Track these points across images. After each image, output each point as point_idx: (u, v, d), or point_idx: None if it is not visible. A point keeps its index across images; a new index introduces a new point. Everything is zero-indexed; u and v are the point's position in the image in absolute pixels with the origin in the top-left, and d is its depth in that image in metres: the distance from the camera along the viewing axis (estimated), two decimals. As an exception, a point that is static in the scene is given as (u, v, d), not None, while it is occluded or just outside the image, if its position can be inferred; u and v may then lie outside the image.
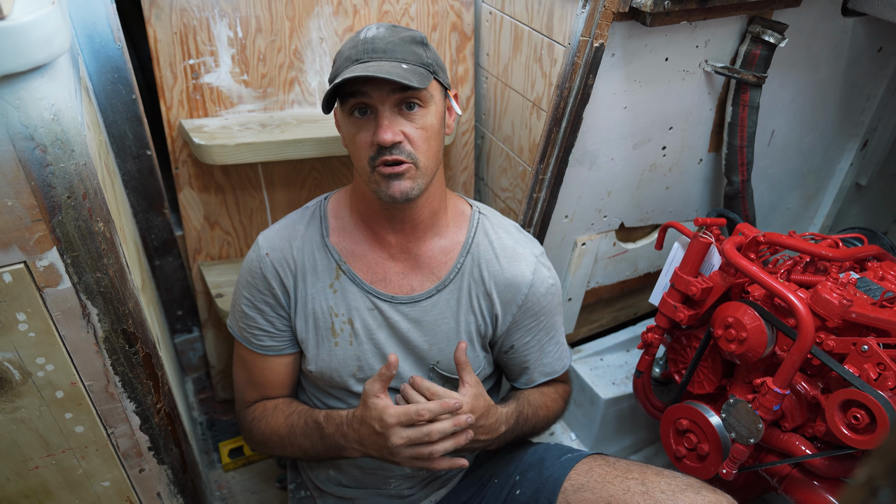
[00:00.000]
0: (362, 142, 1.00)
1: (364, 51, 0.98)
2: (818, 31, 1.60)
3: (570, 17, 1.25)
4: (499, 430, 1.10)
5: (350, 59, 0.99)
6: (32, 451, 0.90)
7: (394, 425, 0.98)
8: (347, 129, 1.03)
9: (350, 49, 1.00)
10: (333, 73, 1.02)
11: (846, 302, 1.16)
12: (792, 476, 1.31)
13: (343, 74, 0.96)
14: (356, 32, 1.04)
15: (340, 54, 1.02)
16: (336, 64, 1.02)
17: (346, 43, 1.03)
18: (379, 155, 0.99)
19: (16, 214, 0.71)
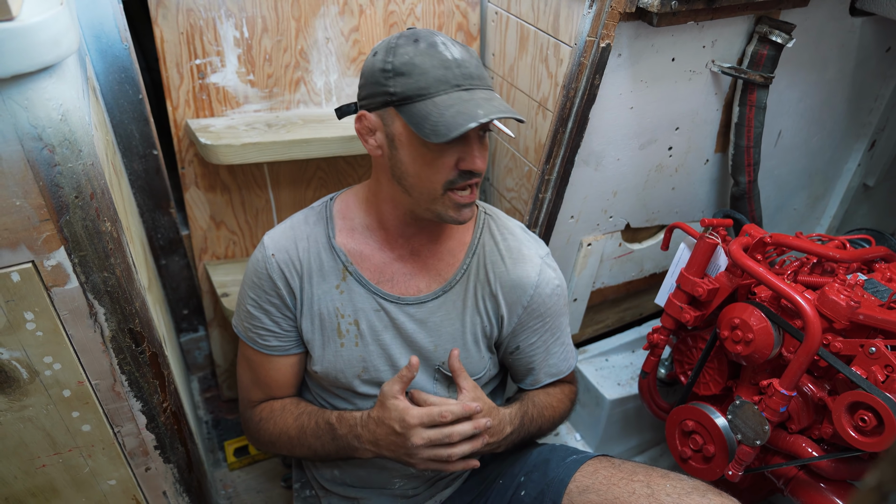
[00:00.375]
0: (443, 165, 0.97)
1: (462, 76, 0.94)
2: (826, 30, 1.60)
3: (577, 17, 1.25)
4: (503, 431, 1.10)
5: (447, 82, 0.93)
6: (39, 450, 0.91)
7: (416, 426, 0.99)
8: (419, 151, 0.97)
9: (440, 69, 0.93)
10: (417, 92, 0.94)
11: (854, 303, 1.15)
12: (798, 478, 1.30)
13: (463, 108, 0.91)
14: (425, 44, 0.95)
15: (421, 70, 0.93)
16: (416, 80, 0.93)
17: (417, 55, 0.94)
18: (461, 179, 0.98)
19: (24, 214, 0.71)
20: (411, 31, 0.99)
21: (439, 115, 0.92)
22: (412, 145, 0.98)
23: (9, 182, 0.69)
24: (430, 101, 0.93)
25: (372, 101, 0.99)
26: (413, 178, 1.00)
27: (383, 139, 1.01)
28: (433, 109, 0.92)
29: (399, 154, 1.00)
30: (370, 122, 1.01)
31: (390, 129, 0.99)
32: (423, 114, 0.93)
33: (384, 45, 0.98)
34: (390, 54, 0.96)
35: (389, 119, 0.98)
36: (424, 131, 0.92)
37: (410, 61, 0.94)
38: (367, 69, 0.99)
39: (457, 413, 0.99)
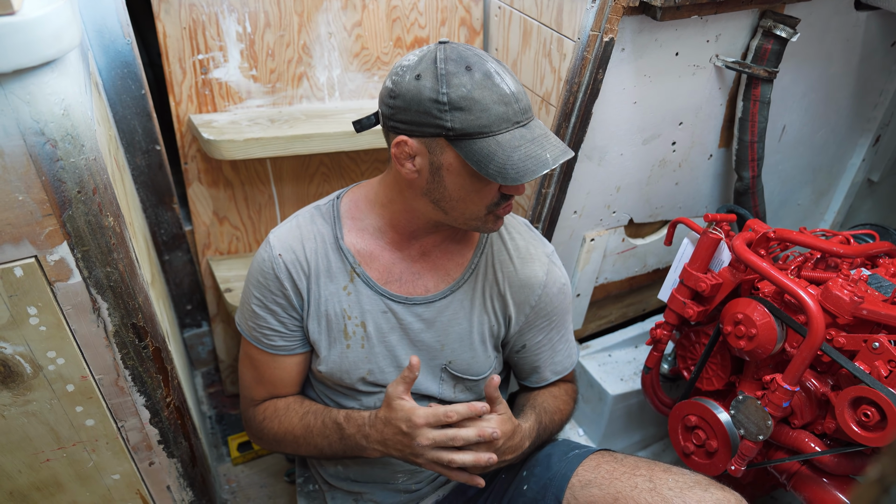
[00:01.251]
0: (490, 193, 0.98)
1: (520, 111, 0.93)
2: (830, 25, 1.59)
3: (580, 11, 1.24)
4: (523, 446, 1.09)
5: (508, 120, 0.91)
6: (44, 444, 0.91)
7: (422, 426, 0.97)
8: (468, 180, 0.96)
9: (500, 105, 0.91)
10: (478, 129, 0.90)
11: (857, 298, 1.15)
12: (801, 473, 1.30)
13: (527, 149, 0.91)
14: (481, 74, 0.91)
15: (484, 109, 0.90)
16: (477, 117, 0.90)
17: (479, 90, 0.90)
18: (504, 201, 1.00)
19: (27, 209, 0.71)
20: (453, 50, 0.93)
21: (506, 156, 0.90)
22: (461, 176, 0.96)
23: (11, 177, 0.69)
24: (493, 139, 0.90)
25: (418, 129, 0.93)
26: (455, 202, 0.99)
27: (425, 165, 0.96)
28: (498, 150, 0.90)
29: (444, 181, 0.97)
30: (411, 148, 0.95)
31: (437, 158, 0.95)
32: (486, 153, 0.90)
33: (430, 69, 0.92)
34: (443, 84, 0.90)
35: (438, 149, 0.94)
36: (489, 171, 0.90)
37: (469, 95, 0.90)
38: (410, 94, 0.92)
39: (462, 413, 0.97)
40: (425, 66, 0.92)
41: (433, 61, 0.92)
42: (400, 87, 0.93)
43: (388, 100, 0.96)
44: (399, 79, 0.94)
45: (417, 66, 0.93)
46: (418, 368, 1.00)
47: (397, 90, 0.94)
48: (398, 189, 1.05)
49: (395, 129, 0.96)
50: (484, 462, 0.98)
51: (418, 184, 0.99)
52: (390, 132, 0.98)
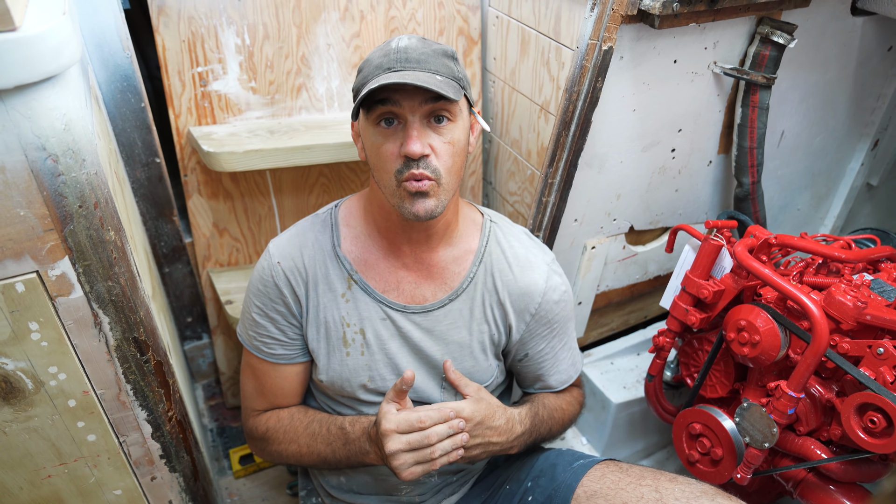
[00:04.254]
0: (388, 153, 0.97)
1: (397, 59, 0.96)
2: (827, 30, 1.59)
3: (578, 20, 1.25)
4: (514, 430, 1.10)
5: (381, 66, 0.97)
6: (45, 460, 0.90)
7: (391, 431, 0.99)
8: (372, 139, 1.00)
9: (381, 57, 0.98)
10: (360, 81, 0.99)
11: (861, 304, 1.15)
12: (807, 480, 1.29)
13: (377, 80, 0.93)
14: (385, 42, 1.01)
15: (369, 62, 1.00)
16: (364, 72, 1.00)
17: (374, 52, 1.01)
18: (406, 168, 0.96)
19: (28, 224, 0.71)
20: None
21: (365, 94, 0.94)
22: (367, 136, 1.02)
23: (12, 192, 0.69)
24: (366, 86, 0.95)
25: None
26: (376, 172, 1.03)
27: (361, 140, 1.06)
28: (362, 91, 0.95)
29: (366, 149, 1.04)
30: (354, 127, 1.08)
31: (360, 127, 1.05)
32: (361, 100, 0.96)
33: None
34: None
35: (358, 118, 1.04)
36: (353, 113, 0.99)
37: (366, 58, 1.02)
38: None
39: (435, 419, 1.00)
40: None
41: None
42: None
43: None
44: None
45: None
46: (410, 384, 1.02)
47: None
48: (370, 185, 1.11)
49: None
50: (460, 442, 1.01)
51: (370, 167, 1.05)
52: None
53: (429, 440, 0.98)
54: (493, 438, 1.07)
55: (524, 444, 1.14)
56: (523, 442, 1.13)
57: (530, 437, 1.15)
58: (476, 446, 1.06)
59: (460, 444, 1.01)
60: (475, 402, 1.06)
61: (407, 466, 0.99)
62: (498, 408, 1.09)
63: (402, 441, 0.98)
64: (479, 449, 1.07)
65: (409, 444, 0.98)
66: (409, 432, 0.99)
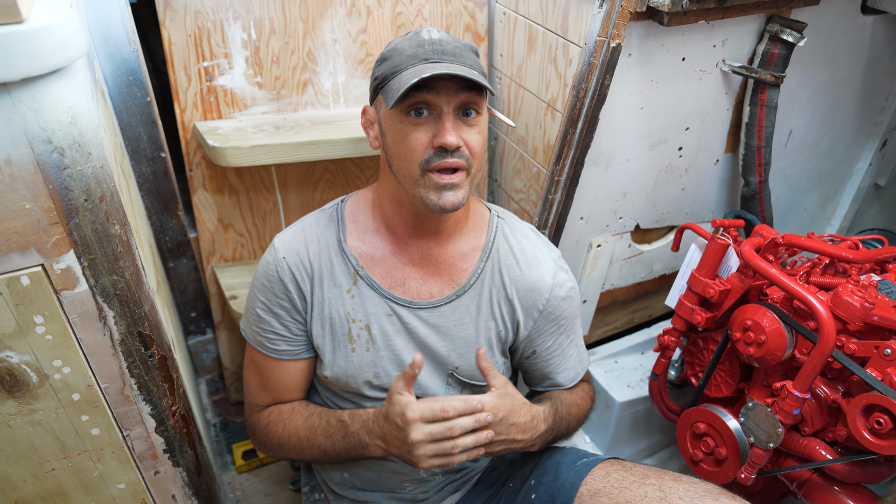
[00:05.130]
0: (418, 142, 0.96)
1: (433, 51, 0.96)
2: (837, 29, 1.58)
3: (586, 17, 1.24)
4: (538, 428, 1.07)
5: (417, 56, 0.96)
6: (49, 454, 0.90)
7: (415, 420, 0.96)
8: (398, 127, 0.98)
9: (414, 48, 0.97)
10: (390, 70, 0.98)
11: (868, 304, 1.14)
12: (812, 481, 1.29)
13: (419, 69, 0.93)
14: (413, 33, 1.01)
15: (398, 52, 0.99)
16: (392, 60, 0.98)
17: (400, 41, 1.00)
18: (437, 158, 0.96)
19: (33, 217, 0.71)
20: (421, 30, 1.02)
21: (399, 82, 0.94)
22: (391, 124, 1.00)
23: (18, 185, 0.69)
24: (400, 75, 0.96)
25: (371, 95, 1.05)
26: (398, 161, 1.01)
27: (378, 129, 1.05)
28: (398, 81, 0.95)
29: (386, 138, 1.03)
30: (369, 114, 1.07)
31: (379, 114, 1.04)
32: (393, 88, 0.95)
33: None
34: (385, 48, 1.03)
35: (378, 105, 1.03)
36: (388, 101, 0.96)
37: (393, 47, 1.01)
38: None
39: (459, 409, 0.96)
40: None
41: None
42: None
43: None
44: None
45: None
46: (420, 367, 0.99)
47: None
48: (381, 178, 1.10)
49: None
50: (484, 439, 0.98)
51: (384, 157, 1.05)
52: None
53: (451, 432, 0.95)
54: (517, 436, 1.04)
55: (545, 441, 1.12)
56: (545, 440, 1.11)
57: (551, 434, 1.13)
58: (499, 442, 1.03)
59: (483, 441, 0.98)
60: (500, 397, 1.02)
61: (426, 458, 0.97)
62: (523, 405, 1.05)
63: (426, 431, 0.95)
64: (503, 446, 1.04)
65: (431, 435, 0.95)
66: (433, 422, 0.96)
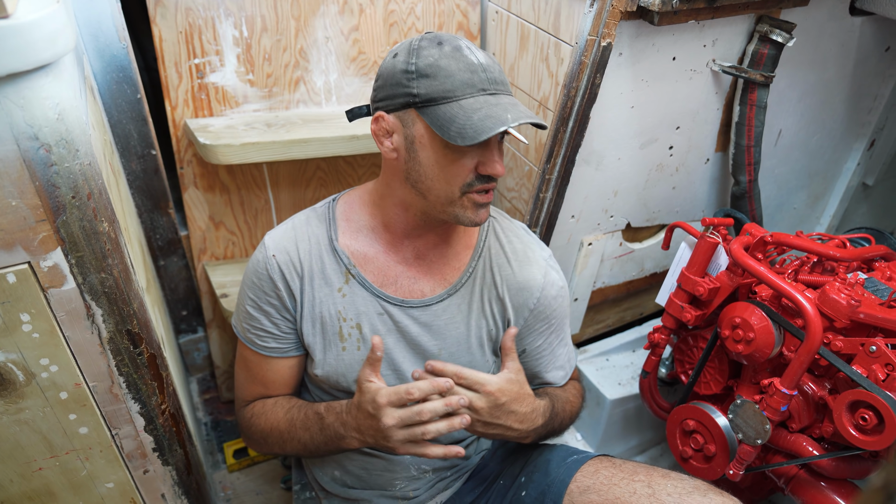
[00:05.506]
0: (464, 169, 0.97)
1: (488, 80, 0.95)
2: (826, 30, 1.59)
3: (578, 16, 1.24)
4: (535, 421, 1.07)
5: (474, 86, 0.94)
6: (36, 453, 0.90)
7: (384, 405, 0.95)
8: (441, 153, 0.96)
9: (466, 73, 0.94)
10: (443, 94, 0.93)
11: (854, 302, 1.15)
12: (799, 477, 1.30)
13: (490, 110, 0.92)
14: (451, 48, 0.95)
15: (447, 73, 0.93)
16: (441, 82, 0.93)
17: (442, 58, 0.94)
18: (479, 182, 0.98)
19: (20, 214, 0.71)
20: (432, 34, 0.98)
21: (466, 118, 0.91)
22: (432, 147, 0.97)
23: (4, 182, 0.68)
24: (456, 103, 0.93)
25: (391, 103, 0.98)
26: (430, 181, 0.99)
27: (401, 141, 0.99)
28: (459, 112, 0.92)
29: (418, 156, 0.99)
30: (388, 123, 0.99)
31: (410, 130, 0.98)
32: (448, 116, 0.92)
33: (405, 47, 0.97)
34: (413, 56, 0.95)
35: (410, 121, 0.97)
36: (450, 134, 0.92)
37: (435, 63, 0.94)
38: (387, 70, 0.98)
39: (425, 390, 0.95)
40: (402, 46, 0.99)
41: (410, 42, 0.99)
42: (381, 68, 1.01)
43: (373, 85, 1.03)
44: (382, 63, 1.02)
45: (397, 48, 1.00)
46: (381, 349, 0.98)
47: (378, 72, 1.01)
48: (386, 182, 1.07)
49: (376, 109, 1.01)
50: (458, 426, 0.97)
51: (398, 166, 1.02)
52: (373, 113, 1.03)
53: (420, 416, 0.95)
54: (514, 424, 1.04)
55: (538, 436, 1.12)
56: (539, 434, 1.11)
57: (545, 429, 1.13)
58: (495, 426, 1.02)
59: (457, 426, 0.96)
60: (507, 382, 1.01)
61: (401, 444, 0.97)
62: (528, 395, 1.05)
63: (396, 416, 0.95)
64: (497, 430, 1.03)
65: (401, 420, 0.95)
66: (402, 406, 0.95)
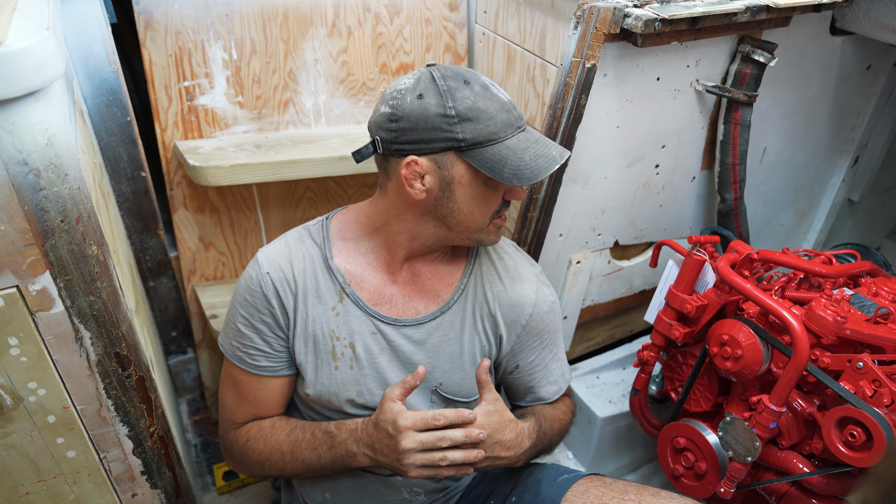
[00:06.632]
0: (497, 200, 1.04)
1: (518, 118, 1.01)
2: (807, 49, 1.62)
3: (562, 38, 1.26)
4: (522, 445, 1.08)
5: (511, 125, 0.99)
6: (23, 477, 0.89)
7: (407, 428, 0.98)
8: (480, 190, 1.01)
9: (503, 113, 0.98)
10: (488, 137, 0.97)
11: (840, 318, 1.16)
12: (790, 494, 1.30)
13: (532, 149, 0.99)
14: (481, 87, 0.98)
15: (488, 116, 0.96)
16: (485, 126, 0.96)
17: (478, 100, 0.96)
18: (504, 208, 1.07)
19: (8, 239, 0.71)
20: (450, 70, 0.99)
21: (518, 159, 0.97)
22: (472, 186, 1.01)
23: (-7, 207, 0.69)
24: (503, 144, 0.98)
25: (427, 147, 0.97)
26: (463, 216, 1.04)
27: (435, 183, 1.00)
28: (509, 154, 0.97)
29: (455, 196, 1.02)
30: (422, 167, 0.98)
31: (448, 172, 0.99)
32: (498, 158, 0.97)
33: (431, 87, 0.97)
34: (448, 99, 0.95)
35: (448, 163, 0.98)
36: (503, 175, 0.97)
37: (474, 106, 0.96)
38: (415, 113, 0.96)
39: (450, 418, 0.98)
40: (425, 86, 0.97)
41: (432, 80, 0.98)
42: (402, 109, 0.98)
43: (388, 124, 0.99)
44: (398, 102, 0.98)
45: (416, 87, 0.98)
46: (422, 378, 1.02)
47: (399, 113, 0.98)
48: (395, 213, 1.07)
49: (401, 152, 0.99)
50: (473, 458, 1.00)
51: (423, 203, 1.03)
52: (393, 155, 1.01)
53: (441, 442, 0.98)
54: (502, 453, 1.05)
55: (529, 457, 1.13)
56: (529, 455, 1.12)
57: (535, 450, 1.13)
58: (483, 459, 1.03)
59: (473, 459, 0.99)
60: (486, 414, 1.03)
61: (415, 467, 0.99)
62: (510, 422, 1.06)
63: (416, 440, 0.97)
64: (487, 462, 1.04)
65: (421, 444, 0.97)
66: (425, 430, 0.98)
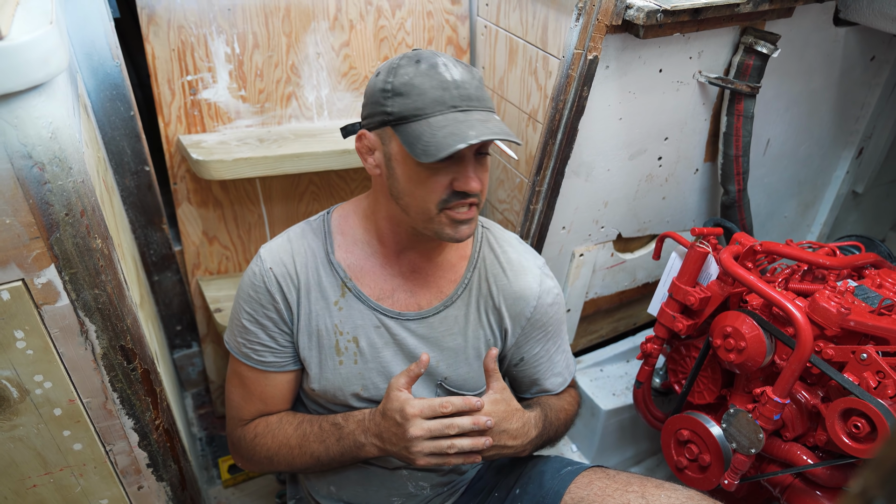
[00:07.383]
0: (438, 185, 0.97)
1: (460, 97, 0.94)
2: (811, 41, 1.62)
3: (564, 30, 1.26)
4: (528, 434, 1.08)
5: (444, 103, 0.94)
6: (30, 470, 0.90)
7: (415, 415, 0.98)
8: (414, 170, 0.97)
9: (438, 90, 0.94)
10: (413, 112, 0.94)
11: (844, 310, 1.16)
12: (794, 486, 1.30)
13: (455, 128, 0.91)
14: (427, 65, 0.95)
15: (419, 91, 0.94)
16: (413, 100, 0.94)
17: (417, 76, 0.95)
18: (454, 199, 0.98)
19: (14, 232, 0.71)
20: (415, 51, 0.99)
21: (431, 135, 0.92)
22: (407, 165, 0.98)
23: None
24: (425, 121, 0.93)
25: (371, 121, 0.99)
26: (408, 198, 1.00)
27: (381, 158, 1.01)
28: (426, 129, 0.93)
29: (395, 173, 1.00)
30: (369, 141, 1.01)
31: (387, 148, 1.00)
32: (416, 134, 0.93)
33: (387, 65, 0.99)
34: (391, 74, 0.96)
35: (387, 138, 0.99)
36: (416, 151, 0.92)
37: (410, 82, 0.95)
38: (369, 89, 1.00)
39: (458, 405, 0.98)
40: (385, 65, 1.00)
41: (393, 60, 1.00)
42: (367, 87, 1.03)
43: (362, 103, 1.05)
44: (369, 80, 1.03)
45: (381, 66, 1.01)
46: (426, 366, 1.01)
47: (365, 90, 1.03)
48: (375, 197, 1.09)
49: (361, 127, 1.04)
50: (481, 445, 1.00)
51: (382, 182, 1.04)
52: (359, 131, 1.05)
53: (449, 430, 0.98)
54: (508, 442, 1.05)
55: (535, 447, 1.13)
56: (535, 445, 1.12)
57: (541, 440, 1.14)
58: (491, 448, 1.03)
59: (481, 446, 0.99)
60: (493, 403, 1.03)
61: (423, 455, 0.99)
62: (516, 410, 1.07)
63: (424, 427, 0.98)
64: (493, 451, 1.05)
65: (429, 432, 0.98)
66: (432, 418, 0.98)
